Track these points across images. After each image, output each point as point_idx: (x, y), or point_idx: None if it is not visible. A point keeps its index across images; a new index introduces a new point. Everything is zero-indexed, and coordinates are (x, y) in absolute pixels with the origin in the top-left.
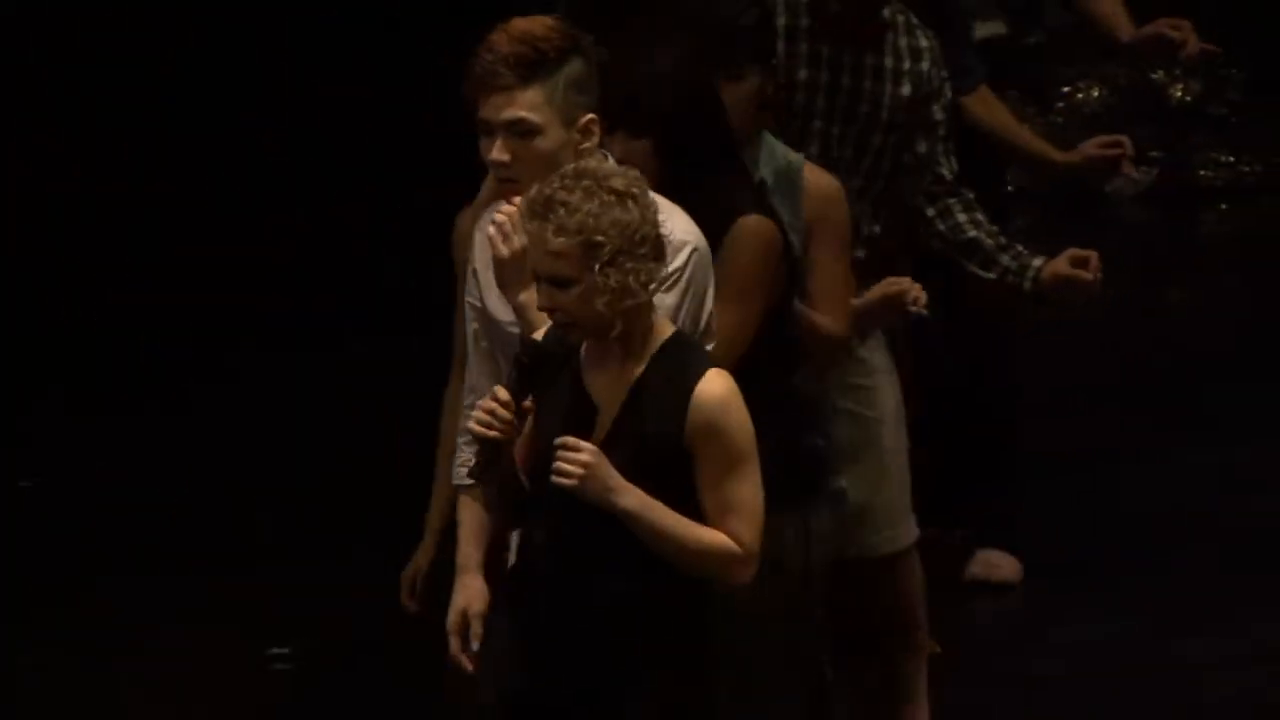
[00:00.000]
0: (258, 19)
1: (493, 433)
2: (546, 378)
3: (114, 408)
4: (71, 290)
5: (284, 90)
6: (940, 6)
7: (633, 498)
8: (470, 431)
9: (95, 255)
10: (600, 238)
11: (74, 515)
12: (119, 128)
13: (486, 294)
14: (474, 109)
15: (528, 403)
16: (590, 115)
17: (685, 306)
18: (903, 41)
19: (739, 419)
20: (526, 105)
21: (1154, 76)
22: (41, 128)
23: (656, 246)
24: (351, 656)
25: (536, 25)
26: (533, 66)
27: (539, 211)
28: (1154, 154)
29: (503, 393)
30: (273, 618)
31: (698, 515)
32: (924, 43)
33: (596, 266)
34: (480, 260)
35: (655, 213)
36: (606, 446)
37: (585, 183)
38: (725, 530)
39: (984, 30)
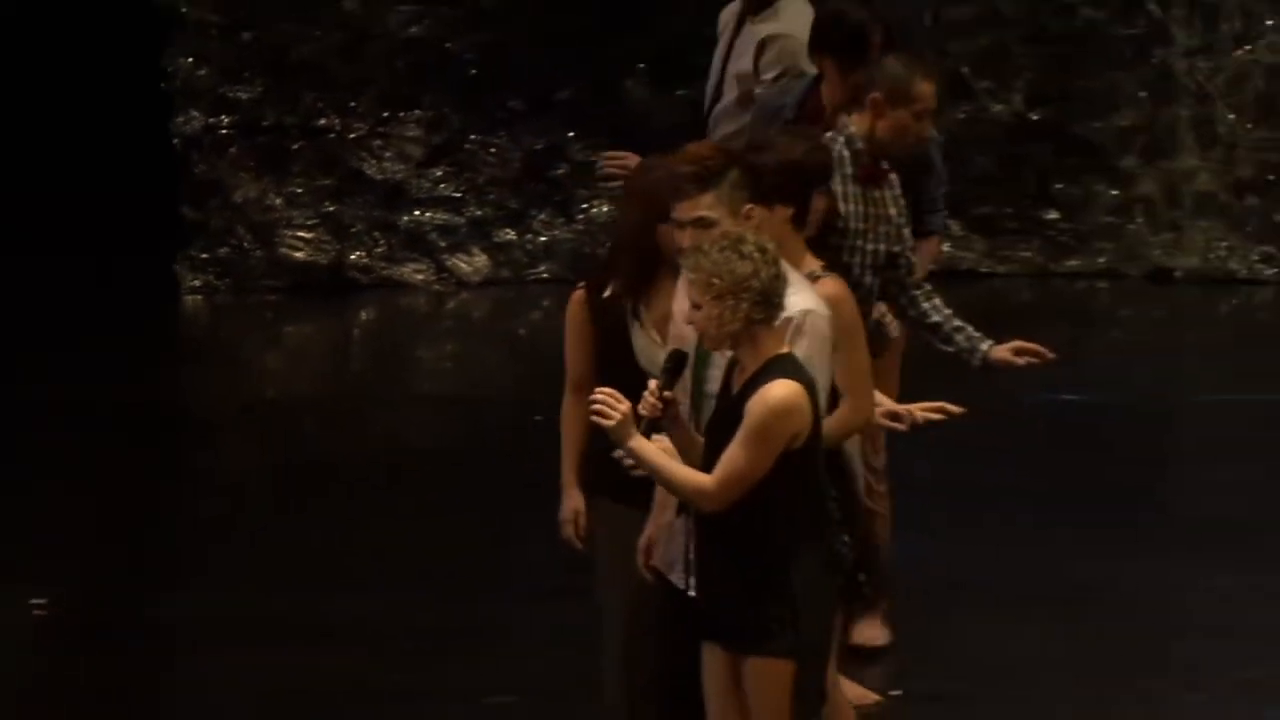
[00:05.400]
0: None
1: (644, 410)
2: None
3: None
4: None
5: None
6: (925, 164)
7: (636, 442)
8: (637, 411)
9: None
10: (715, 280)
11: None
12: None
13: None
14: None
15: (669, 393)
16: (750, 205)
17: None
18: (894, 179)
19: (769, 413)
20: (704, 207)
21: None
22: None
23: (763, 295)
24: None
25: (704, 148)
26: (703, 180)
27: (690, 254)
28: None
29: (654, 384)
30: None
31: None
32: (897, 185)
33: (709, 298)
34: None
35: (772, 273)
36: (724, 421)
37: (724, 241)
38: (713, 473)
39: None
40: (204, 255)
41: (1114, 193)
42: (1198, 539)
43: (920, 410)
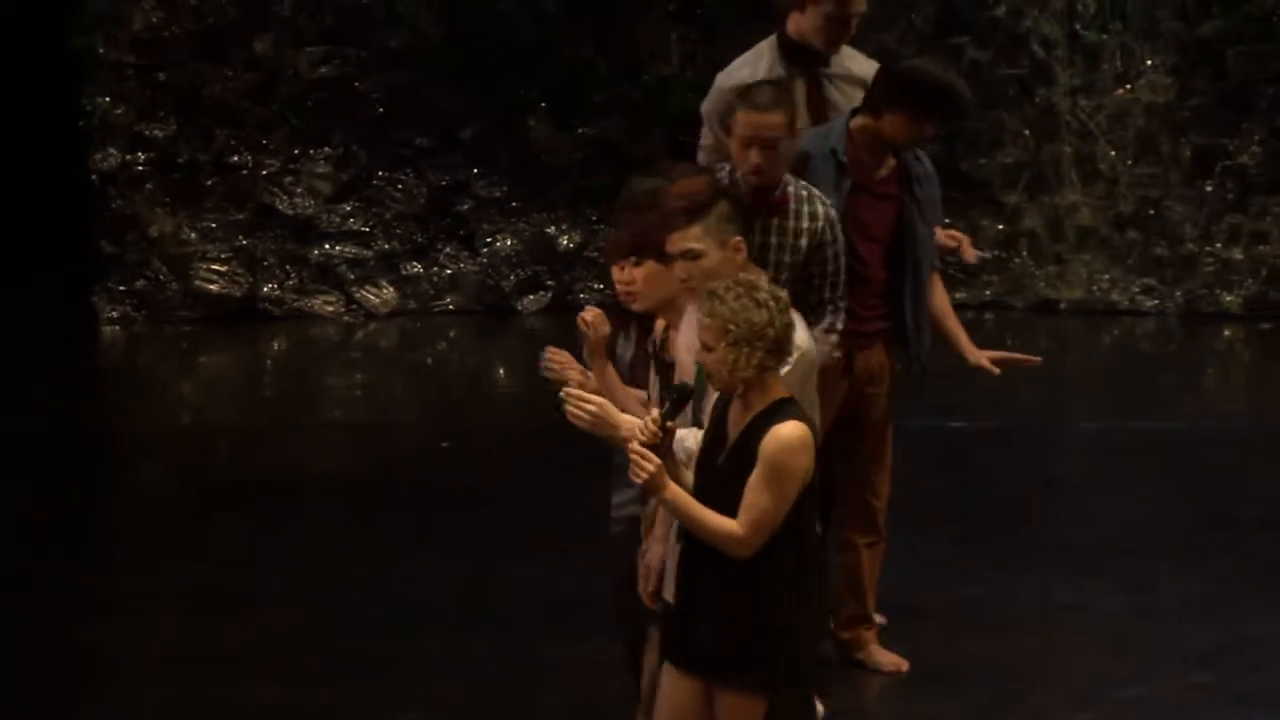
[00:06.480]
0: None
1: (643, 437)
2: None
3: None
4: None
5: None
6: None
7: (671, 492)
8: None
9: None
10: (732, 326)
11: None
12: None
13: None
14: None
15: (670, 424)
16: (738, 237)
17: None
18: (804, 209)
19: (784, 452)
20: (692, 239)
21: None
22: None
23: (777, 344)
24: None
25: (694, 183)
26: (692, 214)
27: (706, 297)
28: None
29: (655, 413)
30: None
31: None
32: (820, 208)
33: (724, 344)
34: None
35: (785, 321)
36: (727, 460)
37: (739, 289)
38: (739, 519)
39: None
40: (121, 287)
41: (1000, 227)
42: (1081, 562)
43: None
